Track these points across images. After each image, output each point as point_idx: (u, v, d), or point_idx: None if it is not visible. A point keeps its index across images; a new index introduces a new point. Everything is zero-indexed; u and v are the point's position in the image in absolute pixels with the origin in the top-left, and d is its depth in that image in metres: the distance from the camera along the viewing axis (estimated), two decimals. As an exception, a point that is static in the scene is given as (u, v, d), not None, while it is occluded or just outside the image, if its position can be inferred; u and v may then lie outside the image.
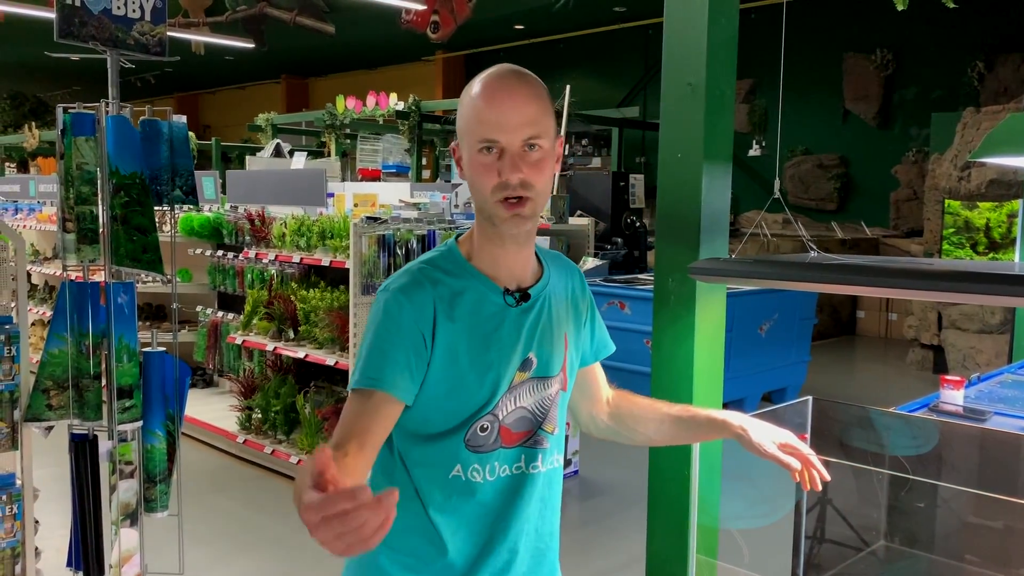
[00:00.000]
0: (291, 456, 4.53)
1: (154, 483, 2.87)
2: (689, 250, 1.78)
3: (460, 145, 1.36)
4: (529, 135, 1.29)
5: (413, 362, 1.30)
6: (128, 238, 2.67)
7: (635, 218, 7.41)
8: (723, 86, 1.79)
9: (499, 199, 1.29)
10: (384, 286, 1.36)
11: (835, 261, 1.51)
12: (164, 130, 2.78)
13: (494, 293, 1.36)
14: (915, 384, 7.62)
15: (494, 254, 1.37)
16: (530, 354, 1.37)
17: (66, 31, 2.65)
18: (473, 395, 1.33)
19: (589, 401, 1.59)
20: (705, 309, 1.81)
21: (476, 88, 1.33)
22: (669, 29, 1.82)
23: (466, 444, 1.35)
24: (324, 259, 4.44)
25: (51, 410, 2.78)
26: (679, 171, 1.81)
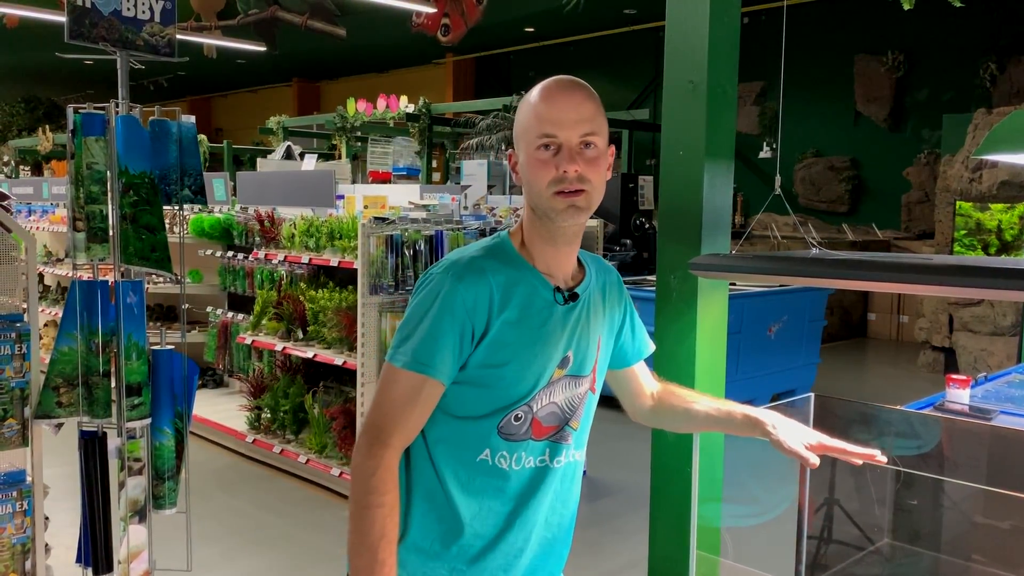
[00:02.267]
0: (299, 456, 4.55)
1: (162, 480, 2.90)
2: (691, 247, 1.79)
3: (516, 149, 1.40)
4: (586, 131, 1.33)
5: (458, 350, 1.33)
6: (137, 237, 2.70)
7: (644, 220, 7.41)
8: (725, 84, 1.79)
9: (555, 191, 1.33)
10: (443, 268, 1.37)
11: (835, 257, 1.52)
12: (173, 130, 2.81)
13: (546, 289, 1.39)
14: (926, 386, 7.57)
15: (545, 252, 1.40)
16: (569, 352, 1.41)
17: (77, 33, 2.68)
18: (515, 385, 1.36)
19: (633, 396, 1.64)
20: (707, 306, 1.81)
21: (535, 93, 1.38)
22: (671, 27, 1.82)
23: (499, 431, 1.37)
24: (333, 259, 4.47)
25: (61, 407, 2.81)
26: (681, 169, 1.82)
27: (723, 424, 1.54)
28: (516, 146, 1.40)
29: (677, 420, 1.62)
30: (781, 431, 1.43)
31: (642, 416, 1.66)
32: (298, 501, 4.41)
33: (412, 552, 1.39)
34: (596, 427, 1.57)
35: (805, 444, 1.42)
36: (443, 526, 1.39)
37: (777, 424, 1.45)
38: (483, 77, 17.19)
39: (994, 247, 7.76)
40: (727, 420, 1.53)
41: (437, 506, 1.39)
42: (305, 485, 4.57)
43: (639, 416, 1.67)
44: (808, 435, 1.44)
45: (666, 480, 1.89)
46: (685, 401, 1.60)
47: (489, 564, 1.40)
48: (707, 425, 1.58)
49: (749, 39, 1.95)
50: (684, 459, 1.83)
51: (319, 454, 4.48)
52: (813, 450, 1.42)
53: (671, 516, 1.89)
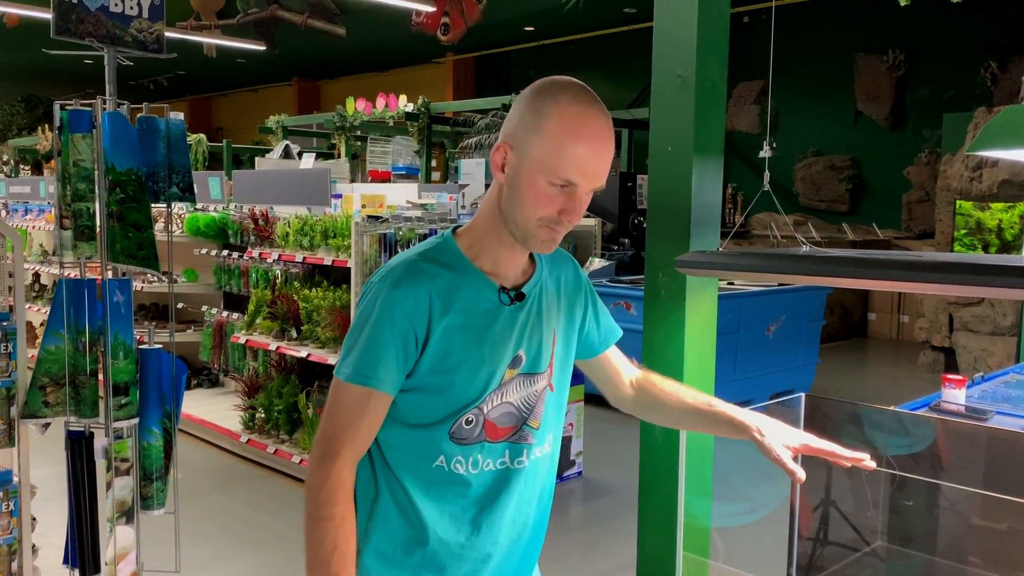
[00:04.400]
0: (293, 456, 4.52)
1: (151, 481, 2.87)
2: (679, 244, 1.76)
3: (516, 155, 1.30)
4: (601, 184, 1.30)
5: (402, 358, 1.31)
6: (124, 235, 2.67)
7: (643, 219, 7.38)
8: (714, 78, 1.76)
9: (544, 225, 1.30)
10: (380, 275, 1.34)
11: (824, 254, 1.49)
12: (161, 127, 2.78)
13: (490, 290, 1.35)
14: (926, 387, 7.53)
15: (498, 255, 1.36)
16: (520, 351, 1.37)
17: (63, 28, 2.65)
18: (463, 390, 1.33)
19: (610, 385, 1.60)
20: (696, 304, 1.78)
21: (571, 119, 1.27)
22: (659, 20, 1.79)
23: (450, 436, 1.35)
24: (327, 258, 4.44)
25: (48, 407, 2.78)
26: (669, 165, 1.78)
27: (707, 423, 1.49)
28: (517, 148, 1.30)
29: (657, 413, 1.58)
30: (769, 437, 1.38)
31: (623, 405, 1.61)
32: (292, 501, 4.38)
33: (375, 559, 1.36)
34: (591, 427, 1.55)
35: (789, 445, 1.38)
36: (406, 533, 1.36)
37: (765, 429, 1.39)
38: (483, 76, 17.17)
39: (994, 246, 7.72)
40: (711, 419, 1.48)
41: (400, 512, 1.36)
42: (299, 485, 4.54)
43: (620, 404, 1.62)
44: (793, 437, 1.39)
45: (654, 478, 1.86)
46: (667, 394, 1.55)
47: (455, 571, 1.37)
48: (690, 422, 1.54)
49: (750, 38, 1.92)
50: (672, 457, 1.80)
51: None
52: (798, 451, 1.38)
53: (659, 515, 1.86)
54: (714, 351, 1.86)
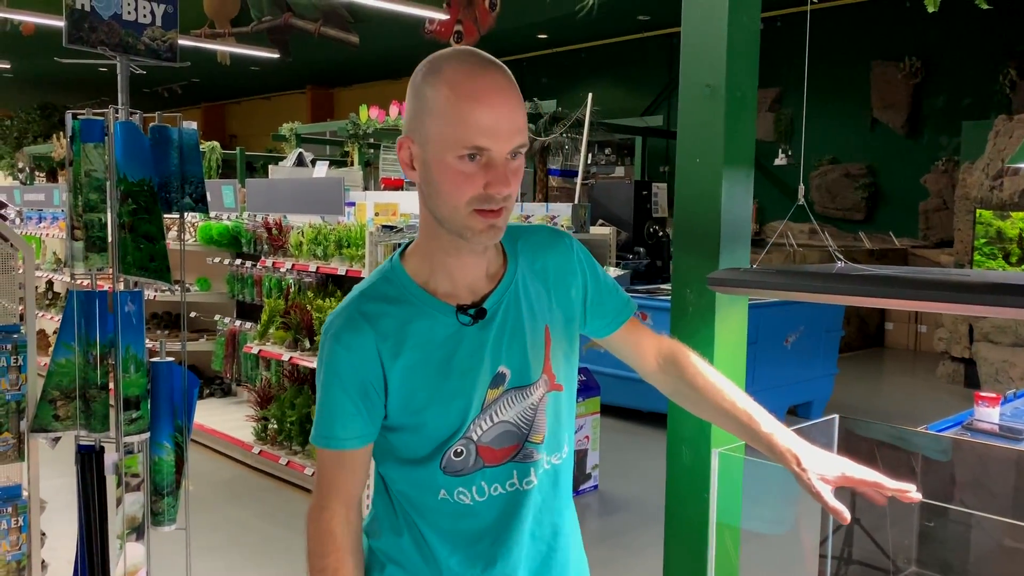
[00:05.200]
0: (306, 468, 4.47)
1: (161, 496, 2.82)
2: (708, 260, 1.70)
3: (419, 145, 1.19)
4: (519, 143, 1.17)
5: (364, 407, 1.25)
6: (135, 246, 2.63)
7: (658, 227, 7.30)
8: (744, 88, 1.70)
9: (474, 209, 1.16)
10: (326, 326, 1.28)
11: (864, 272, 1.42)
12: (174, 137, 2.74)
13: (445, 315, 1.24)
14: (946, 398, 7.43)
15: (447, 265, 1.25)
16: (500, 367, 1.27)
17: (75, 36, 2.61)
18: (439, 427, 1.25)
19: (634, 359, 1.46)
20: (725, 322, 1.71)
21: (454, 81, 1.15)
22: (687, 28, 1.73)
23: (443, 471, 1.27)
24: (340, 268, 4.39)
25: (58, 421, 2.74)
26: (697, 177, 1.72)
27: (743, 435, 1.36)
28: (417, 137, 1.19)
29: (686, 402, 1.44)
30: (811, 472, 1.25)
31: (651, 380, 1.47)
32: (304, 514, 4.32)
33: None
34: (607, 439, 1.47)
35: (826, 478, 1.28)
36: (426, 568, 1.31)
37: (805, 460, 1.27)
38: (497, 84, 17.11)
39: (1015, 255, 7.60)
40: (749, 435, 1.35)
41: (416, 546, 1.31)
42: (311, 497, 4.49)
43: (648, 379, 1.48)
44: (833, 467, 1.29)
45: (681, 505, 1.79)
46: (703, 384, 1.39)
47: None
48: (723, 424, 1.40)
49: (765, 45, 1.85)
50: (701, 481, 1.73)
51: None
52: (836, 483, 1.29)
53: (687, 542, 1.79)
54: (744, 370, 1.79)
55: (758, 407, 1.37)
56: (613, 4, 10.71)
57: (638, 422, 5.93)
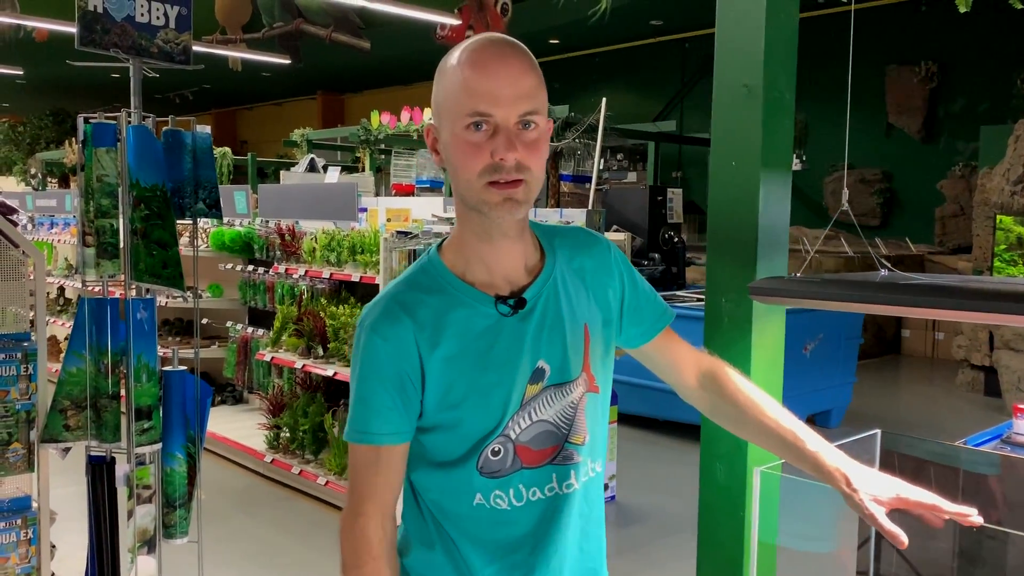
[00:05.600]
0: (318, 477, 4.40)
1: (173, 508, 2.76)
2: (744, 268, 1.62)
3: (438, 126, 1.19)
4: (526, 110, 1.14)
5: (400, 402, 1.19)
6: (148, 253, 2.57)
7: (673, 233, 7.22)
8: (782, 87, 1.63)
9: (488, 182, 1.14)
10: (361, 318, 1.23)
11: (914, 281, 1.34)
12: (187, 141, 2.69)
13: (485, 305, 1.21)
14: (966, 407, 7.32)
15: (482, 253, 1.22)
16: (540, 362, 1.22)
17: (87, 39, 2.56)
18: (478, 422, 1.20)
19: (671, 373, 1.40)
20: (762, 332, 1.64)
21: (462, 56, 1.16)
22: (722, 26, 1.66)
23: (480, 471, 1.21)
24: (354, 275, 4.34)
25: (68, 431, 2.68)
26: (733, 181, 1.65)
27: (786, 454, 1.30)
28: (437, 119, 1.19)
29: (727, 420, 1.37)
30: (863, 493, 1.18)
31: (689, 398, 1.41)
32: (317, 524, 4.26)
33: None
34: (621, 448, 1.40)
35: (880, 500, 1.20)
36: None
37: (855, 480, 1.20)
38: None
39: (1036, 262, 7.48)
40: (793, 454, 1.28)
41: (449, 559, 1.25)
42: (324, 507, 4.42)
43: (685, 396, 1.42)
44: (887, 488, 1.22)
45: (715, 525, 1.71)
46: (744, 402, 1.33)
47: None
48: (765, 444, 1.33)
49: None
50: (737, 500, 1.65)
51: (339, 476, 4.33)
52: (891, 506, 1.21)
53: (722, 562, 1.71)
54: (781, 383, 1.72)
55: (802, 424, 1.31)
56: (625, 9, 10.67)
57: (654, 431, 5.84)
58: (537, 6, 11.15)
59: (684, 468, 4.99)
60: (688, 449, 5.07)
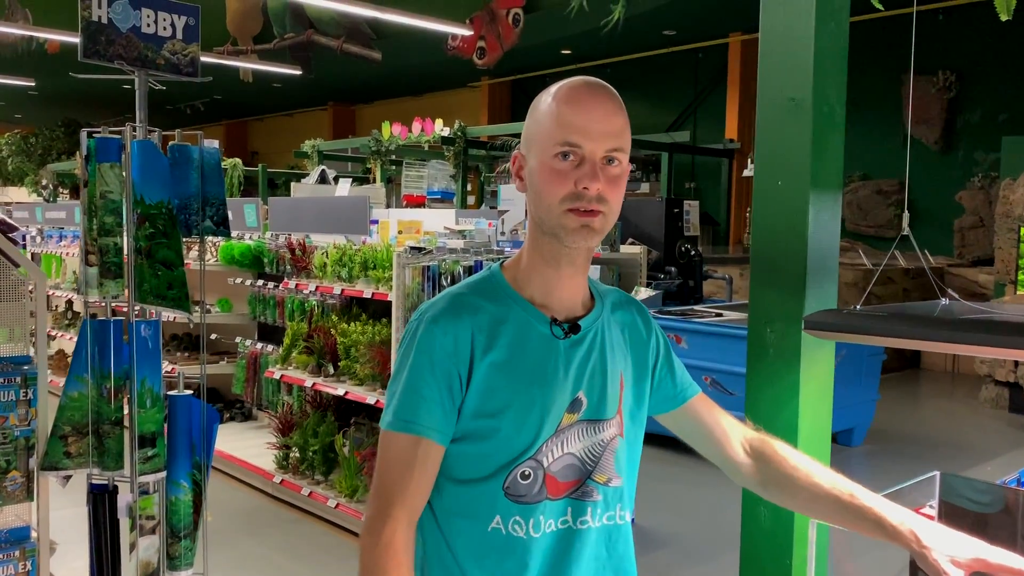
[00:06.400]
0: (329, 499, 4.28)
1: (178, 539, 2.64)
2: (792, 296, 1.49)
3: (526, 154, 1.24)
4: (613, 147, 1.19)
5: (447, 401, 1.18)
6: (152, 273, 2.46)
7: (690, 246, 7.08)
8: (833, 100, 1.51)
9: (568, 207, 1.18)
10: (419, 312, 1.23)
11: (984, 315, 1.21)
12: (194, 156, 2.58)
13: (540, 323, 1.23)
14: (991, 424, 7.14)
15: (546, 277, 1.25)
16: (579, 393, 1.22)
17: (91, 50, 2.46)
18: (513, 437, 1.17)
19: (716, 449, 1.36)
20: (812, 366, 1.51)
21: (559, 93, 1.22)
22: (767, 34, 1.54)
23: (505, 492, 1.17)
24: (366, 291, 4.22)
25: (69, 458, 2.57)
26: (780, 202, 1.52)
27: (846, 517, 1.23)
28: (526, 148, 1.25)
29: (781, 492, 1.32)
30: (936, 551, 1.11)
31: (737, 475, 1.36)
32: (327, 548, 4.13)
33: None
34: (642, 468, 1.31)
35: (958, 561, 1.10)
36: None
37: (926, 538, 1.13)
38: (519, 100, 17.03)
39: (1061, 276, 7.31)
40: (853, 514, 1.21)
41: None
42: (335, 531, 4.30)
43: (734, 475, 1.37)
44: (965, 548, 1.11)
45: (759, 569, 1.58)
46: (795, 470, 1.29)
47: None
48: (823, 512, 1.26)
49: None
50: (782, 548, 1.52)
51: (350, 498, 4.21)
52: (971, 568, 1.10)
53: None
54: (830, 422, 1.58)
55: (857, 485, 1.26)
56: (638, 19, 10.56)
57: (674, 450, 5.69)
58: (549, 16, 11.06)
59: (705, 490, 4.84)
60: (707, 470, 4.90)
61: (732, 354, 5.29)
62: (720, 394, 5.46)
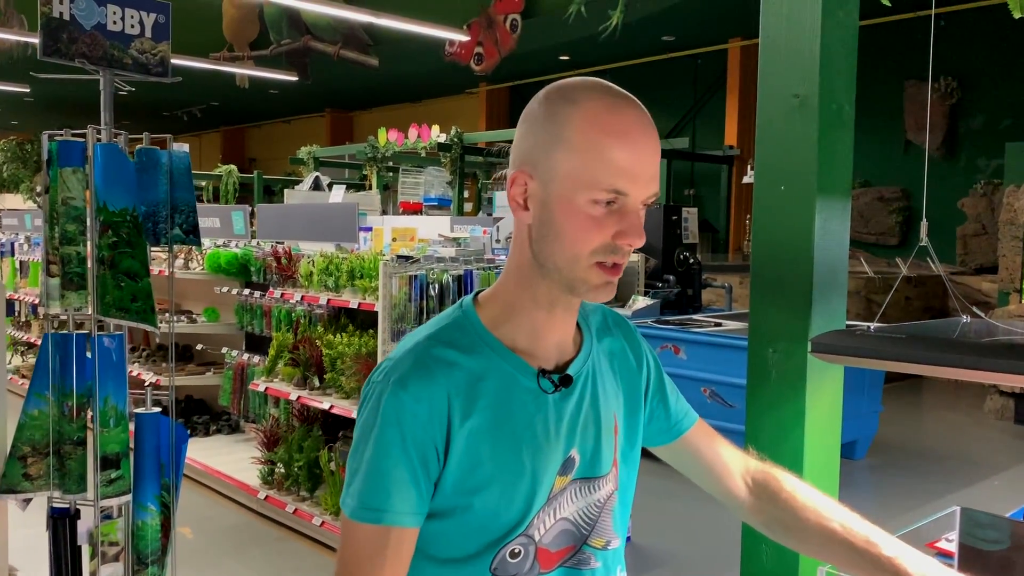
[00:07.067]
0: (314, 517, 4.13)
1: (145, 565, 2.49)
2: (797, 314, 1.35)
3: (535, 177, 1.01)
4: (654, 192, 1.00)
5: (422, 479, 0.99)
6: (116, 284, 2.32)
7: (688, 254, 6.94)
8: (841, 99, 1.37)
9: (596, 261, 0.99)
10: (381, 370, 1.01)
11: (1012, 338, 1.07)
12: (163, 160, 2.44)
13: (525, 376, 1.03)
14: (997, 437, 6.99)
15: (534, 320, 1.05)
16: (572, 451, 1.05)
17: (52, 48, 2.33)
18: (501, 513, 1.00)
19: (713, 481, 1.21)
20: (819, 390, 1.37)
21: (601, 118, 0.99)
22: (768, 26, 1.40)
23: (493, 574, 1.01)
24: (352, 301, 4.08)
25: (28, 480, 2.43)
26: (783, 209, 1.39)
27: (861, 565, 1.08)
28: (535, 170, 1.01)
29: (787, 533, 1.16)
30: None
31: (737, 509, 1.21)
32: (312, 569, 3.98)
33: None
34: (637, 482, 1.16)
35: None
36: None
37: None
38: (516, 106, 16.93)
39: (1067, 284, 7.18)
40: (869, 563, 1.06)
41: None
42: (321, 549, 4.15)
43: (734, 508, 1.22)
44: None
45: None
46: (803, 509, 1.14)
47: None
48: (834, 556, 1.11)
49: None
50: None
51: (335, 516, 4.06)
52: None
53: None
54: (838, 451, 1.44)
55: (873, 526, 1.11)
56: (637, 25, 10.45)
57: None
58: (547, 22, 10.95)
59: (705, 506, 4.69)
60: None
61: (732, 365, 5.15)
62: (719, 406, 5.31)
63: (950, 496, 5.21)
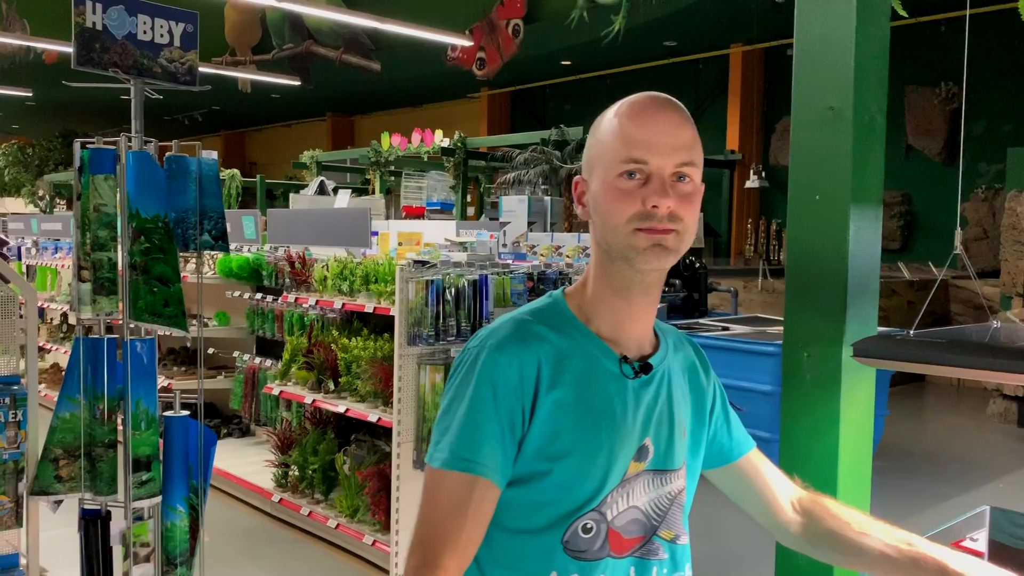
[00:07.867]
0: (329, 519, 4.16)
1: (174, 566, 2.53)
2: (831, 318, 1.40)
3: (588, 178, 1.14)
4: (682, 161, 1.08)
5: (508, 440, 1.05)
6: (148, 289, 2.36)
7: (694, 258, 6.99)
8: (873, 111, 1.42)
9: (637, 227, 1.06)
10: (478, 338, 1.10)
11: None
12: (192, 167, 2.48)
13: (609, 359, 1.11)
14: (1000, 440, 7.04)
15: (615, 309, 1.13)
16: (646, 440, 1.12)
17: (85, 58, 2.37)
18: (576, 485, 1.05)
19: (762, 507, 1.27)
20: (853, 393, 1.41)
21: (621, 108, 1.12)
22: (802, 40, 1.45)
23: (564, 547, 1.05)
24: (368, 305, 4.12)
25: (60, 482, 2.46)
26: (817, 217, 1.43)
27: (904, 569, 1.14)
28: (587, 172, 1.15)
29: (832, 550, 1.23)
30: None
31: (784, 535, 1.28)
32: (328, 571, 4.02)
33: None
34: None
35: None
36: None
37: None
38: (518, 111, 16.98)
39: (1069, 288, 7.22)
40: (912, 564, 1.13)
41: None
42: (336, 552, 4.18)
43: (780, 534, 1.28)
44: None
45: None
46: (846, 525, 1.21)
47: None
48: (879, 566, 1.17)
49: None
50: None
51: (350, 518, 4.09)
52: None
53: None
54: (871, 454, 1.48)
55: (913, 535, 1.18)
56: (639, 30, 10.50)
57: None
58: (549, 27, 11.00)
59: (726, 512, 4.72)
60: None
61: (741, 369, 5.19)
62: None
63: (957, 499, 5.26)
